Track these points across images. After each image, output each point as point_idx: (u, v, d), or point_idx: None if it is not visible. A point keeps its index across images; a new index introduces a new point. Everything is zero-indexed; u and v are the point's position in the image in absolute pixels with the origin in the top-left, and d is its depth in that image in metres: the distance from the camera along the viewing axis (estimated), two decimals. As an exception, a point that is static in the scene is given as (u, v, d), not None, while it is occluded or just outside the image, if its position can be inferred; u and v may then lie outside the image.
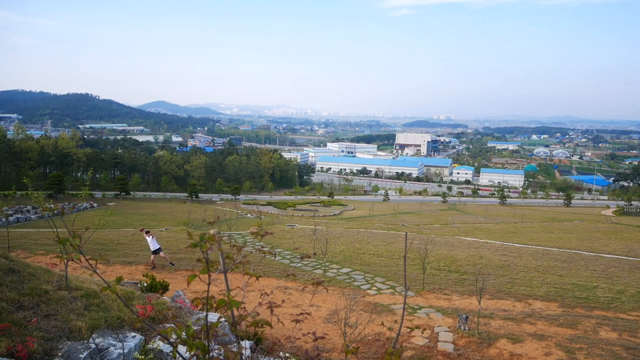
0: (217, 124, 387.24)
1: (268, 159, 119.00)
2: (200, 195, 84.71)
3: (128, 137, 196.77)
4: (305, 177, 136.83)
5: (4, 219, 34.80)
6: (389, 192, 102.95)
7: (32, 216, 42.38)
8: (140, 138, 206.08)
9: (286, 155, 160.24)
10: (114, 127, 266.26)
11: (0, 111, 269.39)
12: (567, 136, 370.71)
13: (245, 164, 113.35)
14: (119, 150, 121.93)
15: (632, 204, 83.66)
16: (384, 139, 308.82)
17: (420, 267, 17.50)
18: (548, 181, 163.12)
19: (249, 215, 52.69)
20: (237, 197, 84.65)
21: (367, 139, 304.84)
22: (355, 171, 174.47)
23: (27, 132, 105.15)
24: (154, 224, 35.69)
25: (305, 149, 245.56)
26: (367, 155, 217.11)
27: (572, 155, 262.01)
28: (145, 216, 45.83)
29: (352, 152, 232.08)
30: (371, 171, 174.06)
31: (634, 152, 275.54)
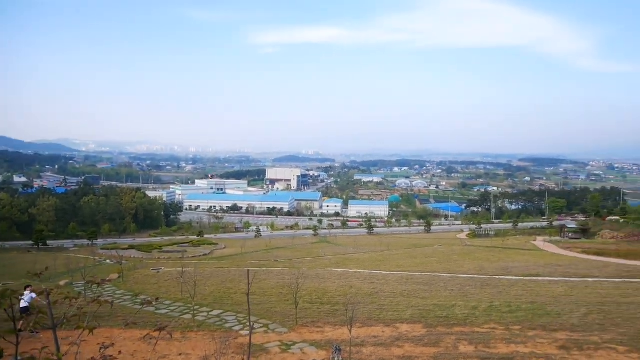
0: (71, 161, 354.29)
1: (130, 199, 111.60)
2: (49, 242, 76.39)
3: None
4: (172, 216, 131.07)
5: None
6: (261, 228, 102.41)
7: None
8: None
9: (151, 194, 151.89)
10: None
11: None
12: (424, 168, 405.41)
13: (104, 205, 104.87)
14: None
15: (481, 227, 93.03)
16: (255, 175, 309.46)
17: (292, 302, 17.37)
18: (410, 210, 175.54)
19: (108, 261, 48.54)
20: (95, 242, 77.33)
21: (238, 175, 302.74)
22: (225, 208, 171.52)
23: None
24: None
25: (172, 186, 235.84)
26: (238, 192, 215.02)
27: (430, 185, 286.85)
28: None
29: (222, 189, 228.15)
30: (242, 207, 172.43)
31: (480, 180, 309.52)
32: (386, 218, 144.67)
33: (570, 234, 73.49)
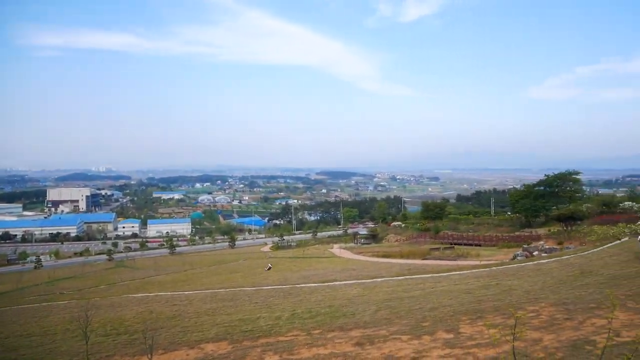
0: None
1: None
2: None
3: None
4: None
5: None
6: (41, 257, 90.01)
7: None
8: None
9: None
10: None
11: None
12: (227, 183, 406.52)
13: None
14: None
15: (284, 239, 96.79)
16: (32, 197, 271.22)
17: (81, 337, 15.53)
18: (214, 226, 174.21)
19: None
20: None
21: (9, 197, 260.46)
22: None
23: None
24: None
25: None
26: (10, 217, 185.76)
27: (233, 200, 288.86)
28: None
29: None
30: (17, 235, 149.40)
31: (282, 193, 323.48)
32: (189, 236, 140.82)
33: (362, 240, 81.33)
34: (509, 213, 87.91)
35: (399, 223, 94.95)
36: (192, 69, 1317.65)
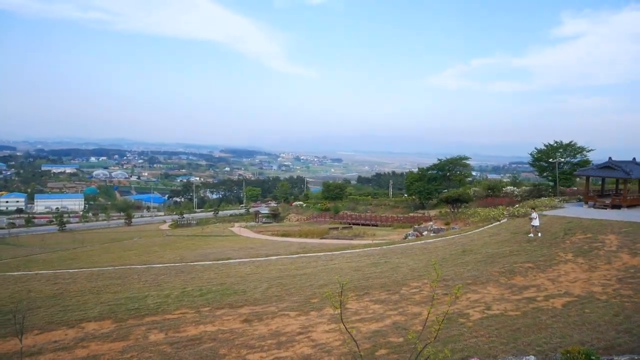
0: None
1: None
2: None
3: None
4: None
5: None
6: None
7: None
8: None
9: None
10: None
11: None
12: (124, 158, 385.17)
13: None
14: None
15: (184, 217, 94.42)
16: None
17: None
18: (109, 203, 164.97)
19: None
20: None
21: None
22: None
23: None
24: None
25: None
26: None
27: (131, 176, 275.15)
28: None
29: None
30: None
31: (183, 170, 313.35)
32: (81, 212, 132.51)
33: (263, 219, 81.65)
34: (405, 195, 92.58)
35: (301, 203, 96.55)
36: (86, 35, 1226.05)
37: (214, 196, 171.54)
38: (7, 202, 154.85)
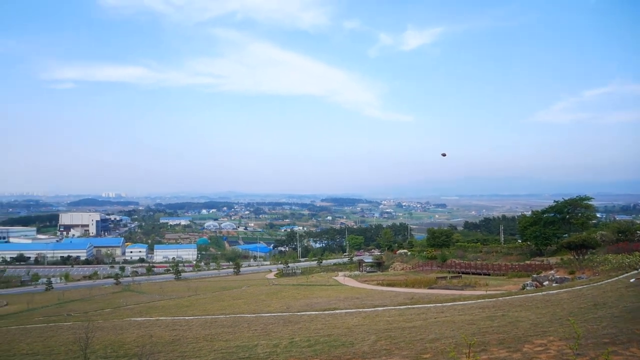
0: None
1: None
2: None
3: None
4: None
5: None
6: (52, 279, 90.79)
7: None
8: None
9: None
10: None
11: None
12: (232, 209, 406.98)
13: None
14: None
15: (289, 266, 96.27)
16: (46, 220, 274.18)
17: (83, 358, 15.43)
18: (219, 252, 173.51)
19: None
20: None
21: (25, 221, 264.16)
22: (9, 259, 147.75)
23: None
24: None
25: None
26: (25, 240, 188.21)
27: (238, 227, 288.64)
28: None
29: (4, 237, 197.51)
30: (30, 257, 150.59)
31: (287, 220, 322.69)
32: (194, 262, 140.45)
33: (367, 268, 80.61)
34: (519, 241, 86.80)
35: (405, 251, 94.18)
36: (197, 98, 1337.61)
37: (317, 245, 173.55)
38: (131, 252, 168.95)
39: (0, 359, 19.61)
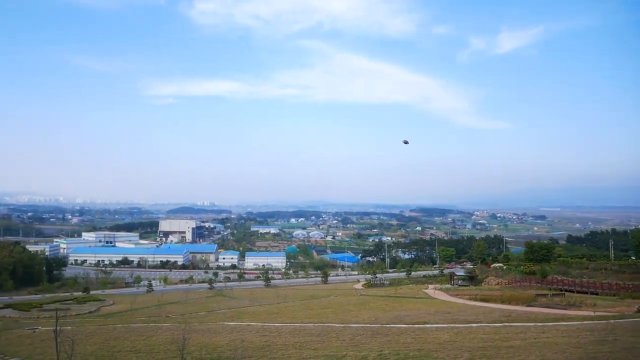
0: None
1: (7, 253, 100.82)
2: None
3: None
4: (55, 272, 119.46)
5: None
6: (152, 282, 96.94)
7: None
8: None
9: (32, 248, 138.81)
10: None
11: None
12: (321, 218, 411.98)
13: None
14: None
15: (377, 277, 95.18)
16: (147, 227, 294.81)
17: (179, 358, 16.16)
18: (307, 261, 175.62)
19: None
20: (-34, 300, 69.24)
21: (128, 227, 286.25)
22: (115, 262, 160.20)
23: None
24: None
25: (55, 240, 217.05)
26: (129, 245, 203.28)
27: (326, 236, 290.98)
28: None
29: (111, 242, 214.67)
30: (133, 261, 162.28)
31: (375, 230, 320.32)
32: (283, 270, 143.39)
33: (459, 282, 77.44)
34: (633, 257, 79.38)
35: (500, 265, 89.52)
36: (286, 109, 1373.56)
37: (406, 256, 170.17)
38: (224, 258, 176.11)
39: (107, 354, 21.10)
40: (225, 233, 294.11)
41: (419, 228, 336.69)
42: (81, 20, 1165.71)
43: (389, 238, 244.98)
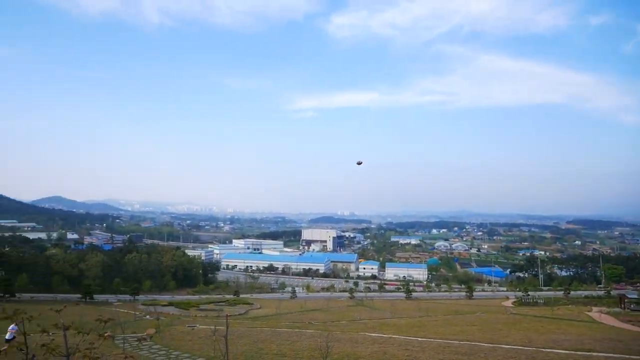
0: (117, 220, 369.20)
1: (170, 257, 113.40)
2: (95, 296, 78.48)
3: (17, 234, 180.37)
4: (210, 275, 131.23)
5: None
6: (296, 289, 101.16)
7: None
8: (32, 235, 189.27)
9: (190, 252, 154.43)
10: (2, 224, 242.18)
11: None
12: (464, 230, 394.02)
13: (146, 262, 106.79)
14: (6, 249, 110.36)
15: (529, 295, 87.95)
16: (290, 235, 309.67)
17: (321, 366, 16.11)
18: (450, 274, 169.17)
19: (147, 316, 49.65)
20: (136, 297, 79.39)
21: (273, 235, 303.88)
22: (261, 268, 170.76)
23: None
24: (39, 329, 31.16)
25: (210, 246, 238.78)
26: (274, 252, 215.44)
27: (470, 248, 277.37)
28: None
29: (258, 249, 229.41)
30: (278, 268, 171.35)
31: (525, 243, 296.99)
32: (425, 282, 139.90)
33: (631, 305, 67.80)
34: None
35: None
36: (427, 117, 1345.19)
37: (563, 273, 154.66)
38: (364, 268, 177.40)
39: (255, 355, 21.99)
40: (365, 243, 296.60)
41: (578, 242, 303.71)
42: (232, 45, 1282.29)
43: (542, 252, 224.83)
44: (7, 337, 17.12)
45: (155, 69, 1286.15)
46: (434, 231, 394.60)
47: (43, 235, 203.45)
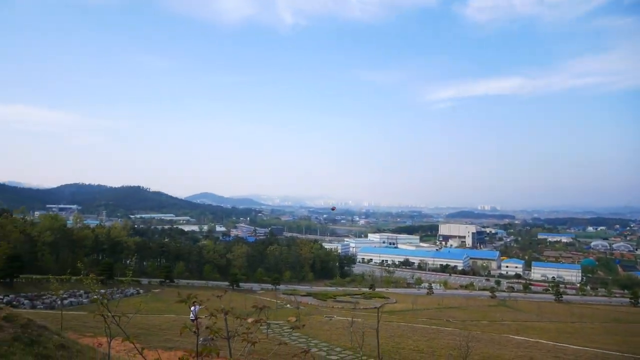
0: (259, 214, 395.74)
1: (308, 249, 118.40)
2: (241, 284, 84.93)
3: (175, 227, 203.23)
4: (346, 267, 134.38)
5: (59, 302, 38.34)
6: (432, 285, 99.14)
7: (84, 300, 44.45)
8: (186, 228, 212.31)
9: (327, 245, 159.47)
10: (162, 218, 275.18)
11: (63, 202, 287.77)
12: (627, 228, 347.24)
13: (286, 254, 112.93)
14: (166, 240, 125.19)
15: None
16: (427, 230, 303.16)
17: (461, 366, 15.66)
18: (610, 277, 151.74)
19: (288, 305, 52.47)
20: (277, 286, 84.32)
21: (409, 230, 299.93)
22: (397, 263, 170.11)
23: (85, 222, 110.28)
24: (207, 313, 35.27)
25: (346, 239, 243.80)
26: (409, 247, 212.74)
27: (636, 249, 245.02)
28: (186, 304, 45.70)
29: (393, 243, 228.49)
30: (414, 263, 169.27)
31: None
32: (578, 284, 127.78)
33: None
34: None
35: None
36: (581, 102, 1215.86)
37: None
38: (507, 266, 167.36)
39: (392, 350, 22.03)
40: (508, 240, 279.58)
41: None
42: (360, 38, 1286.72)
43: None
44: (191, 317, 19.51)
45: (295, 69, 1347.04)
46: (590, 229, 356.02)
47: (195, 228, 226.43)
